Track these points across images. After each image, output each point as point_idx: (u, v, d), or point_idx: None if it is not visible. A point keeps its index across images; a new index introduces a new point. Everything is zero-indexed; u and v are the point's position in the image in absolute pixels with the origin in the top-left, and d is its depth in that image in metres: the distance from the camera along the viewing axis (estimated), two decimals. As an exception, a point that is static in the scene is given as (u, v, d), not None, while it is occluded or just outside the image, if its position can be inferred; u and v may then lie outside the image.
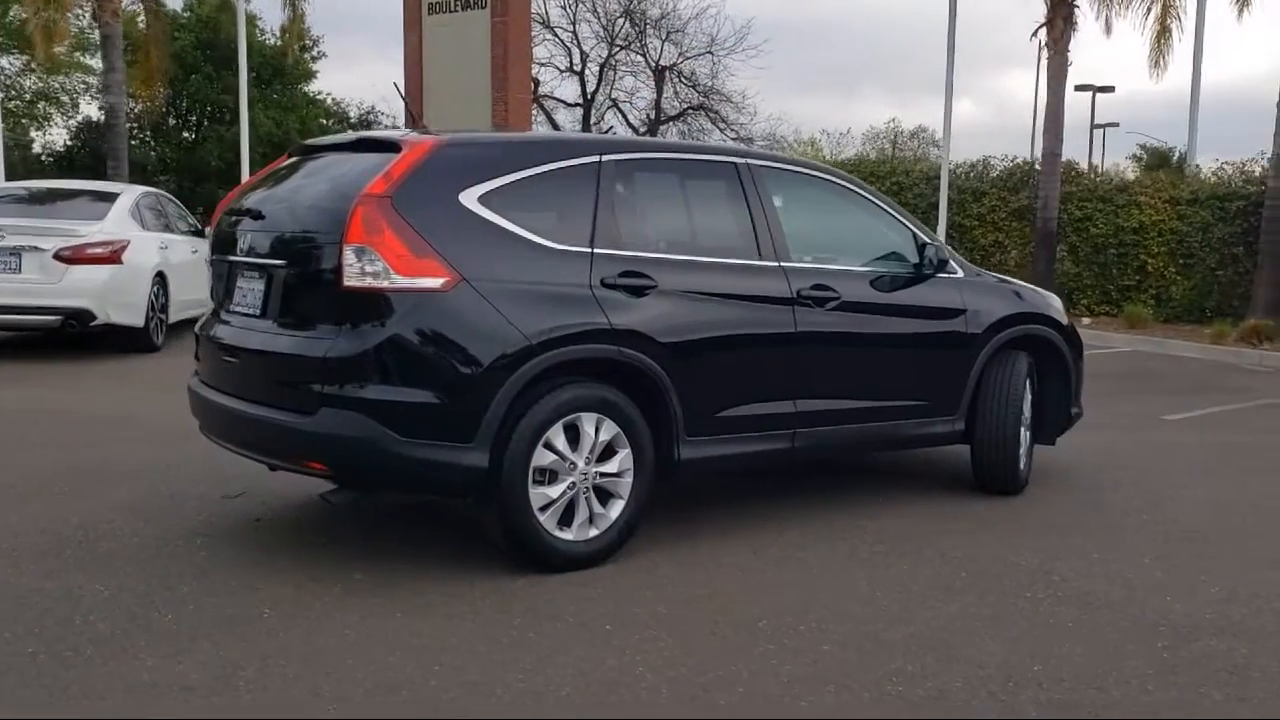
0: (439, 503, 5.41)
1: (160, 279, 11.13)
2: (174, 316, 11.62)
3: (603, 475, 4.65)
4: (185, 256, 11.97)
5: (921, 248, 5.77)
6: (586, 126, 50.33)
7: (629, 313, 4.66)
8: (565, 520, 4.58)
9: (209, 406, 4.89)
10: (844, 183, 5.81)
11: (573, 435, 4.56)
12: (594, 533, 4.65)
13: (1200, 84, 21.01)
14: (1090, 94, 46.42)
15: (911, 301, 5.71)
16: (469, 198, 4.44)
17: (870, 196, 5.86)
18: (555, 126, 50.94)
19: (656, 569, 4.68)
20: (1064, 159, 17.31)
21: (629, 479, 4.70)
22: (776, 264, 5.22)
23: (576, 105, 50.45)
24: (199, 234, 13.03)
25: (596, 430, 4.60)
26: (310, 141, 5.16)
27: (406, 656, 3.74)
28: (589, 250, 4.66)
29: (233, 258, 4.87)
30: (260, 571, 4.54)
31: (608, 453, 4.66)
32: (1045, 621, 4.21)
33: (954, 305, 5.85)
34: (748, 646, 3.88)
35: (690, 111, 50.19)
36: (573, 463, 4.55)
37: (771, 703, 3.47)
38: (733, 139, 50.05)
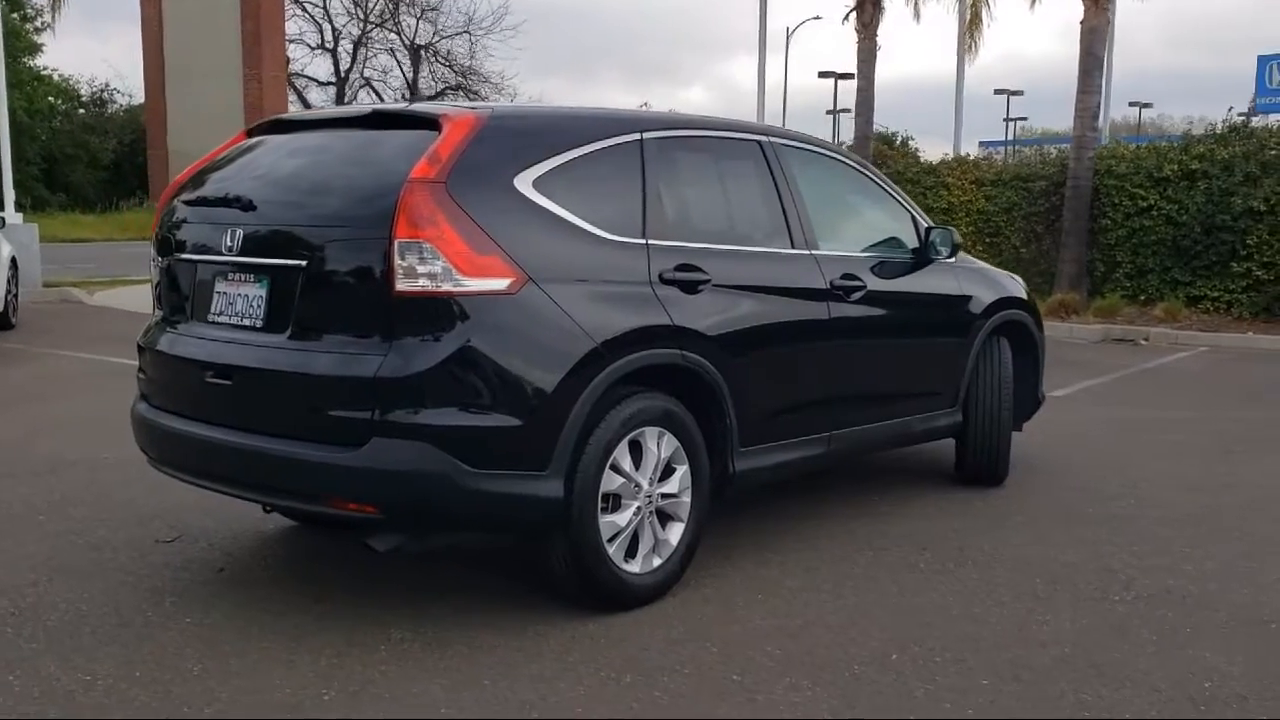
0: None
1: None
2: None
3: (664, 497, 4.10)
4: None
5: (927, 232, 5.46)
6: (340, 106, 48.42)
7: (687, 312, 4.12)
8: (629, 551, 4.01)
9: (176, 438, 4.01)
10: (850, 161, 5.43)
11: (636, 454, 3.99)
12: (657, 562, 4.10)
13: (965, 73, 22.18)
14: (833, 80, 48.74)
15: (924, 289, 5.40)
16: (524, 182, 3.78)
17: (873, 176, 5.51)
18: (306, 104, 48.77)
19: (724, 599, 4.17)
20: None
21: (687, 498, 4.17)
22: (808, 252, 4.79)
23: (330, 84, 48.47)
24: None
25: (659, 446, 4.04)
26: (289, 116, 4.31)
27: (540, 738, 3.11)
28: (643, 241, 4.09)
29: (207, 258, 4.00)
30: (276, 638, 3.75)
31: (666, 471, 4.11)
32: (1161, 628, 3.96)
33: (957, 292, 5.59)
34: (904, 689, 3.44)
35: (449, 91, 49.12)
36: (637, 485, 3.98)
37: (986, 756, 3.06)
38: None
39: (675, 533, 4.15)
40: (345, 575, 4.41)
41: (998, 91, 55.26)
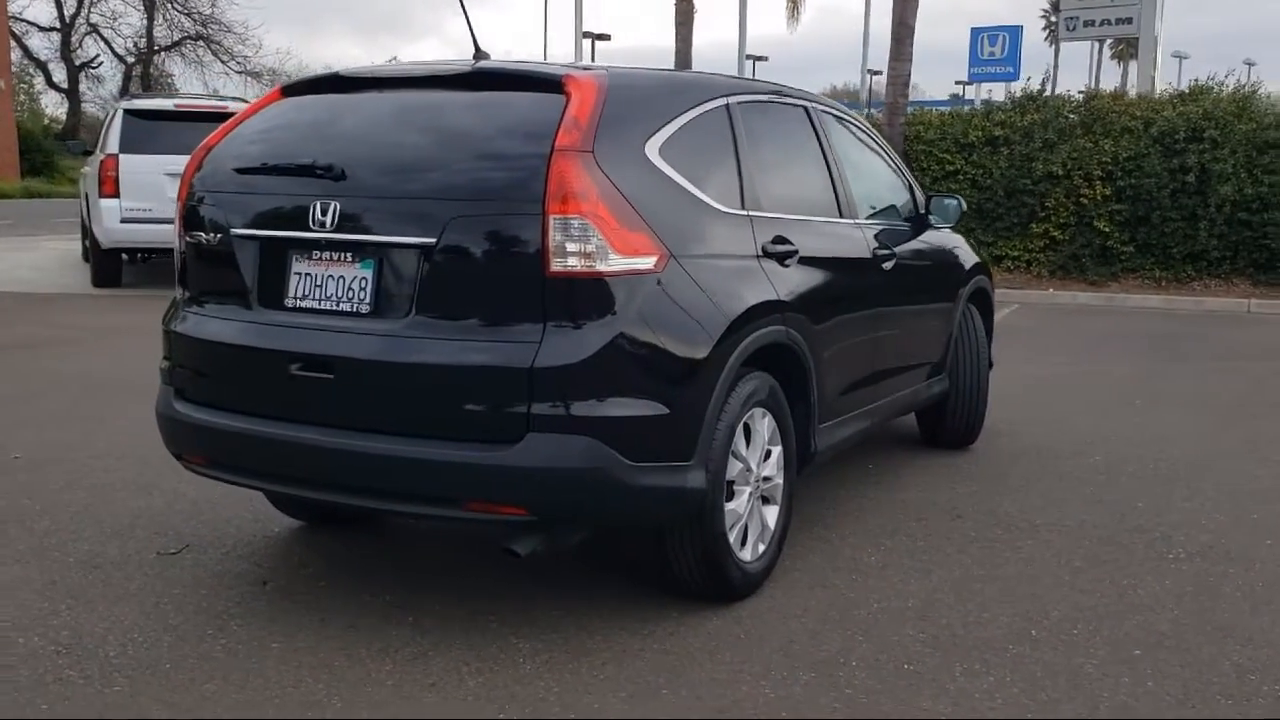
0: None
1: None
2: None
3: (764, 480, 3.93)
4: None
5: (928, 199, 5.46)
6: (66, 55, 44.76)
7: (784, 286, 3.95)
8: (741, 538, 3.83)
9: (246, 440, 3.51)
10: (859, 125, 5.33)
11: (746, 437, 3.80)
12: (762, 548, 3.94)
13: (746, 40, 22.90)
14: (591, 41, 48.85)
15: (930, 258, 5.42)
16: (652, 150, 3.51)
17: (876, 140, 5.44)
18: (27, 52, 44.71)
19: (822, 582, 4.06)
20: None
21: (781, 480, 4.02)
22: (854, 221, 4.70)
23: (53, 29, 44.65)
24: None
25: (764, 428, 3.87)
26: (352, 72, 3.79)
27: (774, 749, 2.91)
28: (746, 213, 3.89)
29: (282, 234, 3.50)
30: (393, 659, 3.36)
31: (765, 453, 3.94)
32: (1240, 585, 4.11)
33: (950, 260, 5.64)
34: (1073, 665, 3.42)
35: (188, 41, 46.20)
36: (749, 469, 3.80)
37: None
38: (238, 72, 46.66)
39: (772, 516, 3.99)
40: (400, 577, 4.02)
41: (748, 57, 56.97)
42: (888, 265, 4.85)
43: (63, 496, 4.86)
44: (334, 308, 3.42)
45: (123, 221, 11.71)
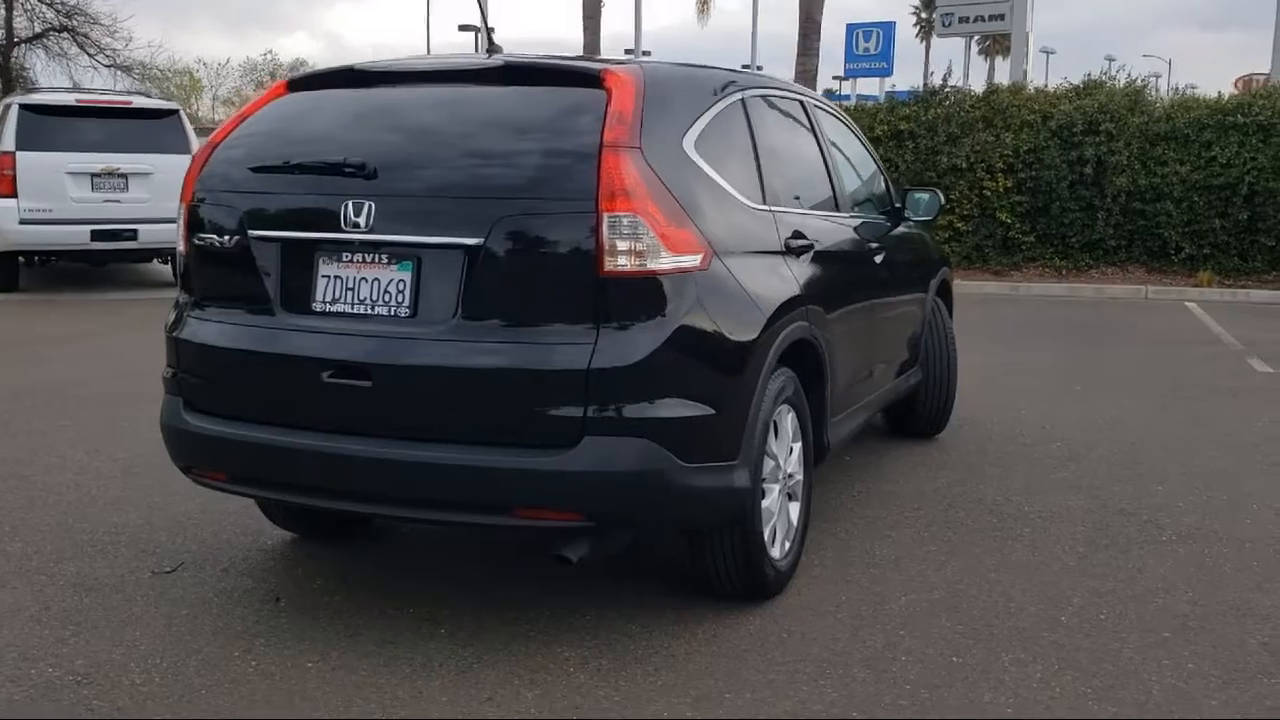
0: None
1: None
2: None
3: (790, 477, 3.91)
4: None
5: (903, 193, 5.50)
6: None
7: (804, 281, 3.93)
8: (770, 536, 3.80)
9: (271, 452, 3.35)
10: (844, 119, 5.33)
11: (774, 433, 3.77)
12: (788, 545, 3.91)
13: (641, 31, 23.01)
14: (474, 34, 48.36)
15: (908, 251, 5.46)
16: (689, 145, 3.45)
17: (856, 133, 5.45)
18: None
19: (844, 578, 4.05)
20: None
21: (801, 475, 4.00)
22: (849, 214, 4.71)
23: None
24: None
25: (789, 425, 3.85)
26: (369, 67, 3.64)
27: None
28: (768, 208, 3.85)
29: (308, 235, 3.34)
30: (438, 674, 3.25)
31: (789, 450, 3.92)
32: (1237, 565, 4.23)
33: (924, 252, 5.70)
34: (1110, 650, 3.47)
35: (53, 33, 44.17)
36: (778, 466, 3.77)
37: None
38: (106, 66, 44.89)
39: (796, 513, 3.98)
40: (416, 588, 3.88)
41: (627, 51, 57.17)
42: (878, 259, 4.88)
43: (29, 516, 4.59)
44: (369, 312, 3.28)
45: (21, 223, 11.15)
